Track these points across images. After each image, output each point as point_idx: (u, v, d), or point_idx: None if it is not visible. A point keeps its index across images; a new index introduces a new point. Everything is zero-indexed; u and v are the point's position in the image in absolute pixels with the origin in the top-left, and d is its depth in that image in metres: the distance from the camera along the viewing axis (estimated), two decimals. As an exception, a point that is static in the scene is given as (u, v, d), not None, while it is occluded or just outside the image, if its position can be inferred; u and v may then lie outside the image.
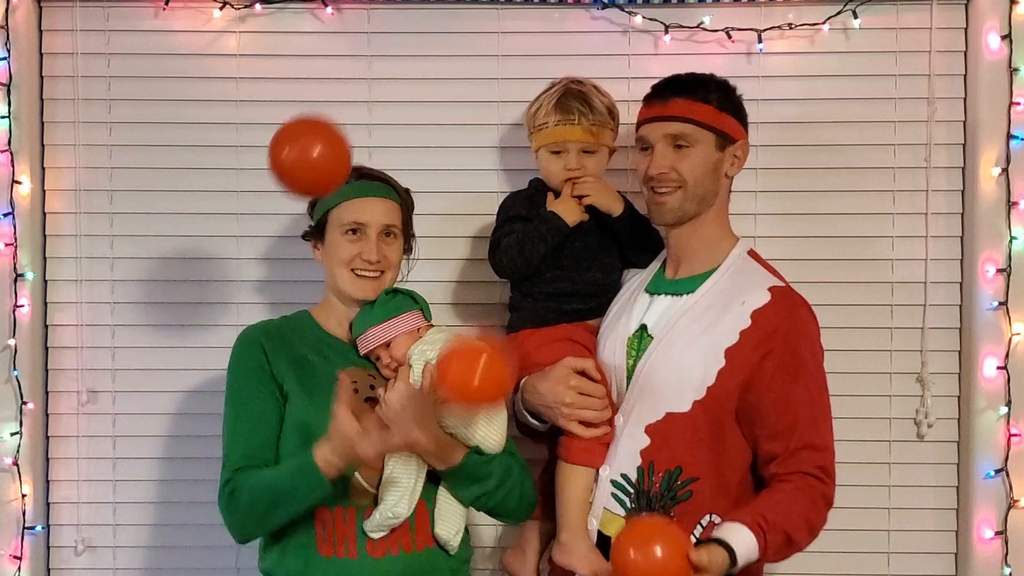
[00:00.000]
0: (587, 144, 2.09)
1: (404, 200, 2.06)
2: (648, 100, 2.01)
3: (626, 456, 1.93)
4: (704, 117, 1.94)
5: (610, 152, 2.15)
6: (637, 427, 1.92)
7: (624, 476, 1.93)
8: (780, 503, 1.80)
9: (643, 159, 2.00)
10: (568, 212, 2.07)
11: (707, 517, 1.87)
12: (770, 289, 1.91)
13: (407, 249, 2.09)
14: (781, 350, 1.86)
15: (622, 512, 1.93)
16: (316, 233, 2.05)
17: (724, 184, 2.00)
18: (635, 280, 2.12)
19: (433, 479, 1.93)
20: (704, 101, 1.94)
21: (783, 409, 1.85)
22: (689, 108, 1.94)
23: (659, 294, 2.01)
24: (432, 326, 2.02)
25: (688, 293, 1.96)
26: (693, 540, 1.87)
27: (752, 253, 2.01)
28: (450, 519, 1.94)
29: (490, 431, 1.91)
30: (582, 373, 1.99)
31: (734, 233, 2.04)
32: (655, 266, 2.11)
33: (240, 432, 1.92)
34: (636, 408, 1.94)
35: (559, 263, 2.09)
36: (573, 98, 2.09)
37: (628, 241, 2.14)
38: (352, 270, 1.98)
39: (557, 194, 2.13)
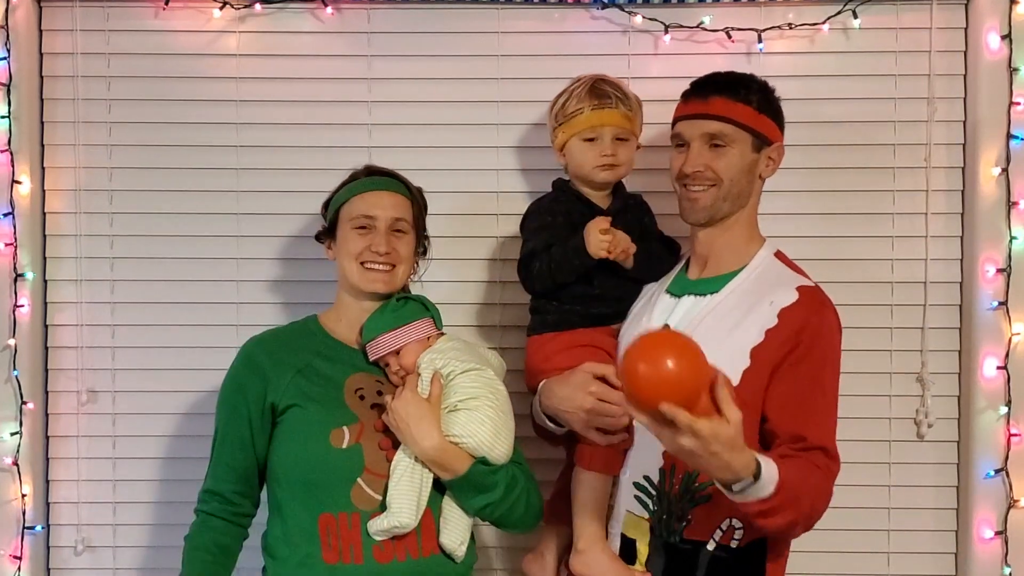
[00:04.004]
0: (622, 130, 2.08)
1: (415, 196, 2.06)
2: (687, 97, 1.99)
3: (648, 458, 1.90)
4: (742, 117, 1.92)
5: (636, 146, 2.14)
6: None
7: (646, 478, 1.91)
8: (792, 464, 1.74)
9: (677, 156, 1.97)
10: (596, 241, 2.00)
11: (727, 521, 1.85)
12: (798, 288, 1.90)
13: (422, 251, 2.09)
14: (807, 345, 1.84)
15: (645, 515, 1.91)
16: (328, 232, 2.05)
17: (757, 186, 1.98)
18: (655, 283, 2.10)
19: (440, 487, 1.92)
20: (744, 101, 1.92)
21: (797, 406, 1.83)
22: (728, 107, 1.92)
23: (682, 295, 1.99)
24: (443, 334, 2.02)
25: (712, 293, 1.94)
26: (712, 543, 1.86)
27: (779, 254, 1.99)
28: (455, 529, 1.93)
29: (496, 441, 1.90)
30: (602, 379, 1.97)
31: (761, 235, 2.02)
32: (676, 268, 2.09)
33: (216, 459, 2.01)
34: None
35: None
36: (607, 85, 2.09)
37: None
38: (361, 263, 1.98)
39: (586, 205, 2.10)
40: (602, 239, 1.98)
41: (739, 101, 1.92)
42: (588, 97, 2.07)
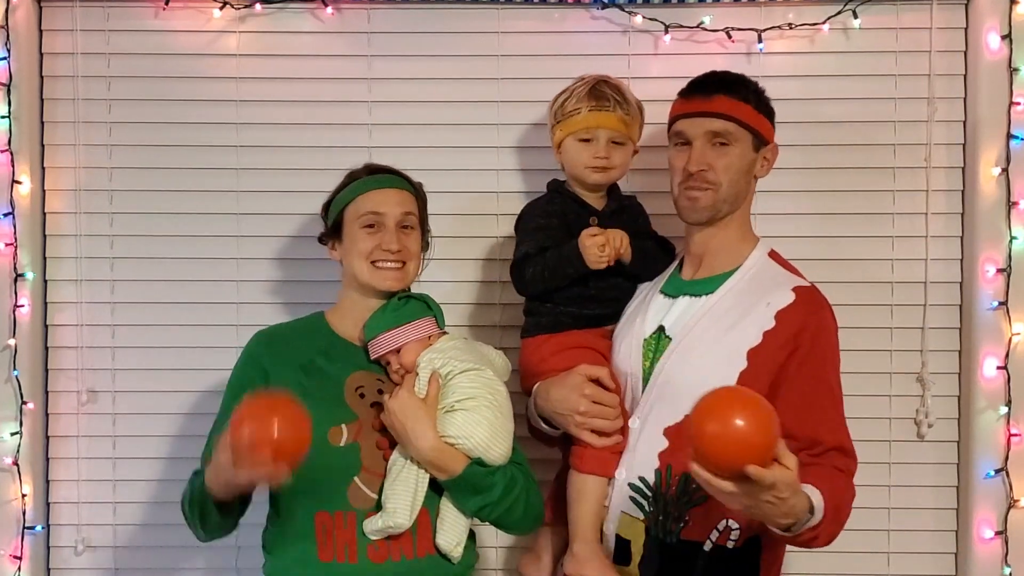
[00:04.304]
0: (618, 134, 2.07)
1: (418, 192, 2.06)
2: (687, 95, 1.98)
3: (644, 459, 1.90)
4: (745, 116, 1.92)
5: (634, 151, 2.13)
6: (655, 429, 1.90)
7: (642, 479, 1.90)
8: (824, 478, 1.75)
9: (679, 155, 1.96)
10: (595, 256, 1.99)
11: (724, 522, 1.84)
12: (794, 289, 1.90)
13: (424, 245, 2.09)
14: (807, 347, 1.84)
15: (640, 515, 1.90)
16: (332, 232, 2.05)
17: (752, 185, 1.99)
18: (648, 283, 2.10)
19: (437, 487, 1.91)
20: (744, 100, 1.93)
21: (809, 410, 1.82)
22: (731, 106, 1.92)
23: (677, 295, 1.98)
24: (444, 333, 2.01)
25: (708, 294, 1.94)
26: (709, 544, 1.86)
27: (773, 254, 1.99)
28: (452, 530, 1.92)
29: (493, 442, 1.89)
30: (596, 381, 1.96)
31: (755, 234, 2.02)
32: (670, 268, 2.09)
33: (210, 441, 1.96)
34: (654, 410, 1.91)
35: None
36: (607, 87, 2.08)
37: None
38: (372, 262, 1.97)
39: (581, 206, 2.10)
40: (600, 255, 1.98)
41: (741, 100, 1.93)
42: (587, 98, 2.07)
